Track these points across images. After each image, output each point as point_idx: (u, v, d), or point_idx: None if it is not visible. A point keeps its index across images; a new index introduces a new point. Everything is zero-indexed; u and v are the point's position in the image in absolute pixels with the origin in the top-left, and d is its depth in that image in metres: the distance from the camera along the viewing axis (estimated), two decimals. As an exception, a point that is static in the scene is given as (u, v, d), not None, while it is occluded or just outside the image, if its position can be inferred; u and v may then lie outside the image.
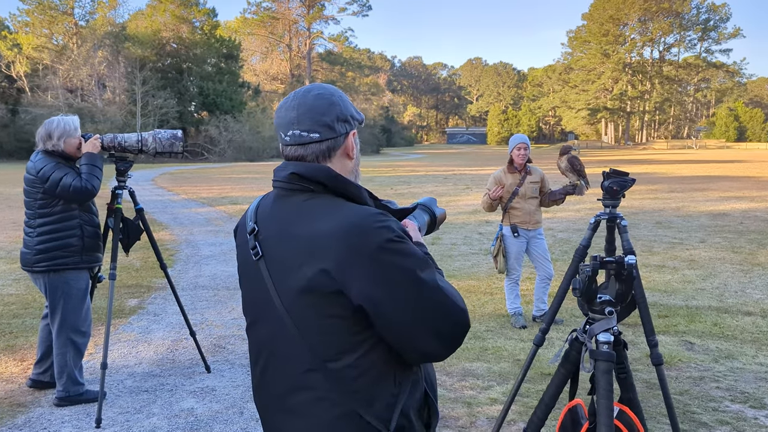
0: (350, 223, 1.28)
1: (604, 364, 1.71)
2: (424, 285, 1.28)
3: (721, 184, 21.26)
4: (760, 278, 7.41)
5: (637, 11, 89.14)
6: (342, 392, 1.30)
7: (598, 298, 1.79)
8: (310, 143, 1.39)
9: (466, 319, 1.33)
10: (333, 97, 1.42)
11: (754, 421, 3.64)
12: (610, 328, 1.77)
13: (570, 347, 1.87)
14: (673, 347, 4.97)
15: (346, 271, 1.25)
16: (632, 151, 68.37)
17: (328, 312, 1.28)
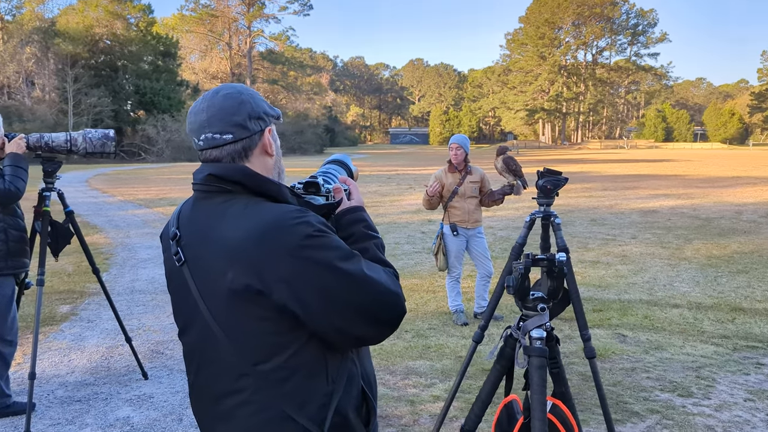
0: (267, 223, 1.26)
1: (537, 360, 1.76)
2: (351, 276, 1.26)
3: (651, 183, 22.20)
4: (687, 272, 7.77)
5: (571, 15, 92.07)
6: (272, 395, 1.29)
7: (531, 295, 1.84)
8: (224, 145, 1.36)
9: (398, 301, 1.32)
10: (242, 95, 1.39)
11: (682, 409, 3.82)
12: (542, 324, 1.82)
13: (505, 344, 1.92)
14: (607, 340, 5.15)
15: (268, 273, 1.23)
16: (568, 151, 70.53)
17: (254, 315, 1.26)
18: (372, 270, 1.31)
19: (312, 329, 1.28)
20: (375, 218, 12.97)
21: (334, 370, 1.33)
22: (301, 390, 1.30)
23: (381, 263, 1.41)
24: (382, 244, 1.48)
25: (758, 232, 10.87)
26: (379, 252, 1.45)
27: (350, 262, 1.28)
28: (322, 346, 1.31)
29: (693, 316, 5.84)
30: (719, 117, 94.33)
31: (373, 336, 1.33)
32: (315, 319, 1.26)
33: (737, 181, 22.47)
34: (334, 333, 1.28)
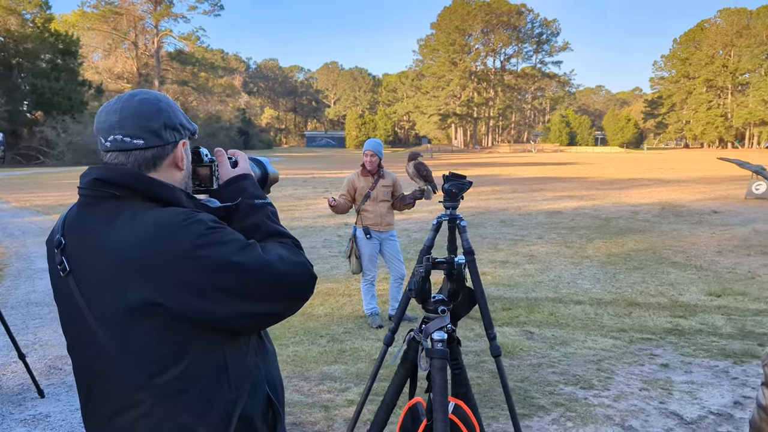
0: (158, 227, 1.22)
1: (438, 362, 1.80)
2: (250, 268, 1.24)
3: (556, 185, 23.27)
4: (588, 269, 8.19)
5: (480, 23, 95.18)
6: (171, 407, 1.24)
7: (432, 298, 1.88)
8: (133, 150, 1.29)
9: (303, 272, 1.33)
10: (161, 103, 1.34)
11: (584, 401, 4.01)
12: (443, 326, 1.87)
13: (408, 347, 1.95)
14: (515, 337, 5.34)
15: (164, 279, 1.19)
16: (479, 155, 72.68)
17: (150, 326, 1.21)
18: (270, 252, 1.30)
19: (216, 325, 1.25)
20: (290, 222, 12.84)
21: (237, 377, 1.30)
22: (202, 399, 1.26)
23: (277, 236, 1.40)
24: (274, 211, 1.46)
25: (652, 230, 11.63)
26: (272, 223, 1.43)
27: (247, 253, 1.25)
28: (222, 353, 1.28)
29: (594, 312, 6.16)
30: (617, 122, 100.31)
31: (285, 311, 1.33)
32: (219, 317, 1.23)
33: (633, 183, 23.95)
34: (242, 320, 1.27)
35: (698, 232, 11.41)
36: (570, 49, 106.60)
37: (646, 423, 3.68)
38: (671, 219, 13.21)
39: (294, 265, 1.32)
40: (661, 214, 14.13)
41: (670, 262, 8.64)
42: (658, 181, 25.07)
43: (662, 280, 7.54)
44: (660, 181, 25.07)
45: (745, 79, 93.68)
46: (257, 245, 1.30)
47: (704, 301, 6.52)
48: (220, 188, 1.46)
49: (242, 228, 1.36)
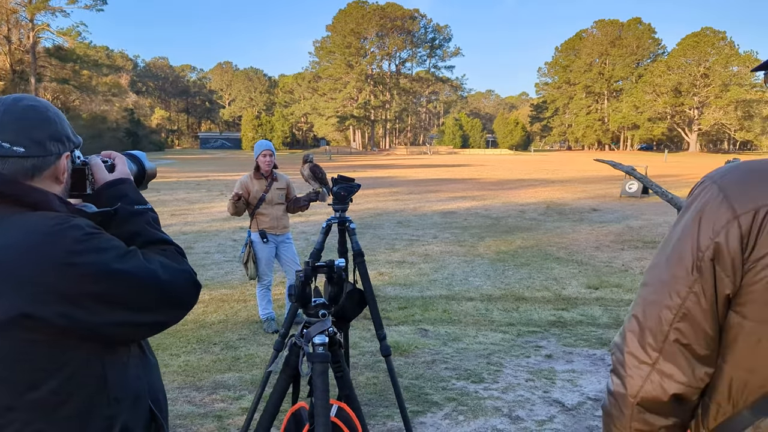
0: (28, 232, 1.14)
1: (320, 366, 1.81)
2: (130, 275, 1.20)
3: (450, 186, 24.01)
4: (480, 267, 8.52)
5: (375, 27, 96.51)
6: (46, 424, 1.17)
7: (313, 302, 1.89)
8: (11, 157, 1.20)
9: (186, 280, 1.30)
10: (48, 112, 1.26)
11: (474, 394, 4.17)
12: (325, 330, 1.88)
13: (289, 352, 1.94)
14: (410, 336, 5.46)
15: (38, 289, 1.12)
16: (377, 157, 73.57)
17: (20, 338, 1.13)
18: (152, 260, 1.26)
19: (94, 336, 1.19)
20: (183, 227, 12.38)
21: (116, 389, 1.24)
22: (80, 413, 1.19)
23: (158, 243, 1.36)
24: (155, 217, 1.41)
25: (537, 228, 12.28)
26: (153, 230, 1.38)
27: (127, 260, 1.20)
28: (101, 364, 1.22)
29: (485, 307, 6.41)
30: (506, 126, 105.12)
31: (167, 320, 1.29)
32: (97, 327, 1.17)
33: (521, 184, 25.18)
34: (122, 330, 1.22)
35: (579, 229, 12.18)
36: (461, 54, 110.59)
37: (531, 412, 3.89)
38: (555, 217, 14.02)
39: (176, 273, 1.29)
40: (546, 212, 14.96)
41: (554, 257, 9.17)
42: (543, 181, 26.52)
43: (547, 275, 7.98)
44: (545, 181, 26.54)
45: (619, 86, 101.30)
46: (138, 252, 1.25)
47: (584, 294, 6.97)
48: (96, 193, 1.38)
49: (121, 235, 1.30)
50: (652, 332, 1.00)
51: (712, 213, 0.97)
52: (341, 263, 1.91)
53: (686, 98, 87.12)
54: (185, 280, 1.30)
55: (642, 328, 1.02)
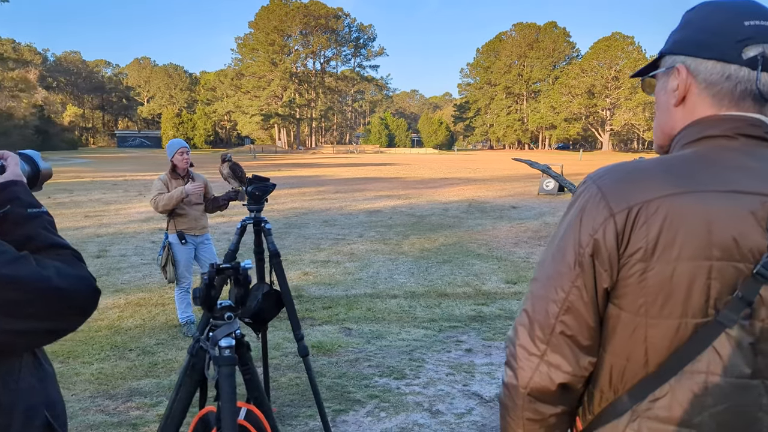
0: None
1: (226, 369, 1.78)
2: (22, 282, 1.14)
3: (376, 185, 24.15)
4: (404, 265, 8.63)
5: (299, 25, 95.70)
6: None
7: (219, 305, 1.87)
8: None
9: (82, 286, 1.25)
10: None
11: (396, 391, 4.23)
12: (231, 333, 1.86)
13: (195, 356, 1.91)
14: (334, 335, 5.46)
15: None
16: (303, 156, 73.02)
17: None
18: (46, 266, 1.20)
19: None
20: (98, 229, 11.85)
21: (8, 401, 1.19)
22: None
23: (54, 248, 1.30)
24: (50, 221, 1.35)
25: (460, 225, 12.56)
26: (47, 234, 1.32)
27: (19, 266, 1.15)
28: None
29: (408, 304, 6.50)
30: (431, 125, 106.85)
31: (64, 328, 1.23)
32: None
33: (445, 182, 25.67)
34: (13, 338, 1.15)
35: (499, 225, 12.55)
36: (386, 54, 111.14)
37: (451, 405, 3.98)
38: (477, 215, 14.38)
39: (73, 279, 1.23)
40: (468, 210, 15.32)
41: (475, 254, 9.41)
42: (466, 180, 27.13)
43: (468, 271, 8.18)
44: (468, 180, 27.16)
45: (537, 87, 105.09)
46: (31, 257, 1.19)
47: (503, 289, 7.20)
48: None
49: (13, 239, 1.24)
50: (540, 325, 1.05)
51: (592, 211, 1.02)
52: (247, 265, 1.90)
53: (599, 100, 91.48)
54: (83, 286, 1.25)
55: (531, 321, 1.07)
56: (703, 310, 0.97)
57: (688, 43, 1.08)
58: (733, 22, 1.03)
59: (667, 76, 1.12)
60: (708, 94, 1.06)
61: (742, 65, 1.02)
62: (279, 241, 10.43)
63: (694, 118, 1.08)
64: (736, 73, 1.03)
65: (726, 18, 1.04)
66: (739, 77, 1.03)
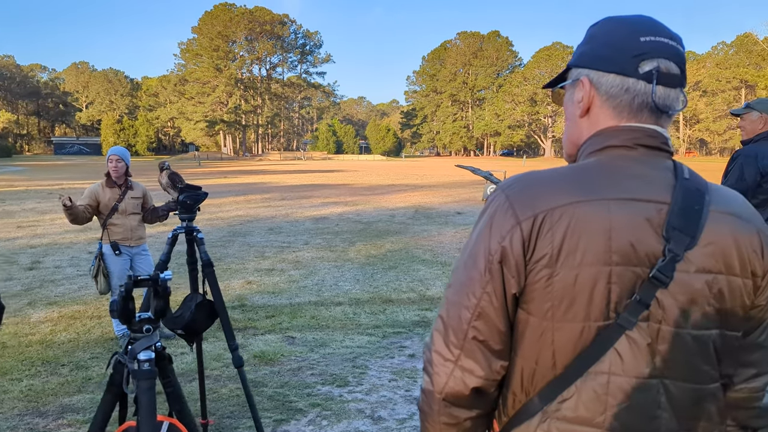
0: None
1: (145, 383, 1.75)
2: None
3: (323, 192, 24.07)
4: (350, 272, 8.62)
5: (244, 30, 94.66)
6: None
7: (137, 317, 1.83)
8: None
9: None
10: None
11: (339, 399, 4.22)
12: (151, 346, 1.82)
13: (114, 371, 1.87)
14: (277, 344, 5.40)
15: None
16: (250, 163, 72.05)
17: None
18: None
19: None
20: (31, 240, 11.39)
21: None
22: None
23: None
24: None
25: (406, 232, 12.65)
26: None
27: None
28: None
29: (353, 311, 6.50)
30: (378, 132, 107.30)
31: None
32: None
33: (392, 189, 25.81)
34: None
35: (444, 231, 12.71)
36: (333, 61, 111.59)
37: (393, 411, 4.00)
38: (423, 221, 14.52)
39: None
40: (415, 216, 15.45)
41: (420, 260, 9.49)
42: (413, 186, 27.36)
43: (413, 276, 8.25)
44: (415, 186, 27.39)
45: (482, 95, 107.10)
46: None
47: (447, 294, 7.28)
48: None
49: None
50: (454, 331, 1.07)
51: (500, 219, 1.06)
52: (167, 276, 1.86)
53: (541, 107, 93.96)
54: None
55: (446, 327, 1.09)
56: (605, 313, 1.01)
57: (591, 56, 1.13)
58: (630, 37, 1.08)
59: (574, 88, 1.17)
60: (609, 106, 1.11)
61: (639, 79, 1.07)
62: (222, 249, 10.26)
63: (597, 129, 1.12)
64: (633, 86, 1.08)
65: (624, 34, 1.09)
66: (636, 90, 1.08)
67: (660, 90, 1.07)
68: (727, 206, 1.07)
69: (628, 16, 1.13)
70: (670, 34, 1.10)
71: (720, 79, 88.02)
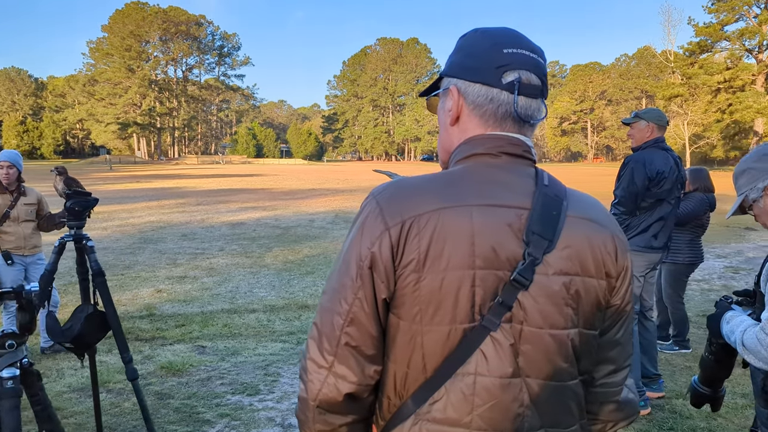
0: None
1: (8, 402, 1.65)
2: None
3: (241, 196, 23.59)
4: (266, 278, 8.49)
5: (157, 30, 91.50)
6: None
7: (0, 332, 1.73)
8: None
9: None
10: None
11: (249, 408, 4.13)
12: (15, 362, 1.72)
13: None
14: (186, 354, 5.24)
15: None
16: (166, 166, 69.63)
17: None
18: None
19: None
20: None
21: None
22: None
23: None
24: None
25: (325, 236, 12.61)
26: None
27: None
28: None
29: (267, 318, 6.40)
30: (300, 136, 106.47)
31: None
32: None
33: (312, 193, 25.65)
34: None
35: (363, 235, 12.74)
36: (252, 63, 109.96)
37: (304, 417, 3.96)
38: (342, 225, 14.51)
39: None
40: (334, 221, 15.42)
41: (337, 264, 9.47)
42: (334, 190, 27.29)
43: (330, 282, 8.21)
44: (336, 190, 27.33)
45: (402, 101, 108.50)
46: None
47: (363, 298, 7.30)
48: None
49: None
50: (327, 338, 1.07)
51: (371, 225, 1.07)
52: (33, 288, 1.76)
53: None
54: None
55: (320, 334, 1.08)
56: (470, 315, 1.04)
57: (459, 67, 1.17)
58: (494, 49, 1.12)
59: (445, 97, 1.20)
60: (476, 115, 1.14)
61: (503, 89, 1.11)
62: (132, 257, 9.85)
63: (466, 137, 1.16)
64: (497, 96, 1.12)
65: (488, 45, 1.13)
66: (500, 100, 1.12)
67: (522, 100, 1.12)
68: (584, 212, 1.13)
69: (493, 29, 1.17)
70: (532, 46, 1.15)
71: (623, 89, 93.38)
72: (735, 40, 64.97)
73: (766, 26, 62.74)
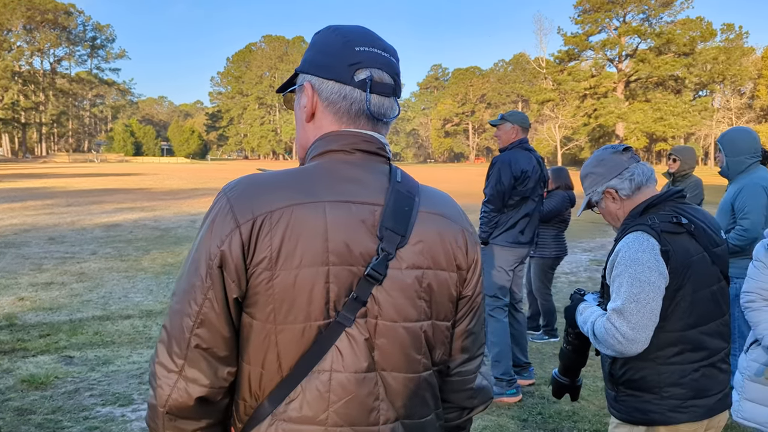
0: None
1: None
2: None
3: (117, 197, 22.29)
4: (143, 282, 8.09)
5: (21, 18, 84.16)
6: None
7: None
8: None
9: None
10: None
11: (121, 419, 3.93)
12: None
13: None
14: (51, 365, 4.88)
15: None
16: (31, 165, 64.15)
17: None
18: None
19: None
20: None
21: None
22: None
23: None
24: None
25: (208, 237, 12.20)
26: None
27: None
28: None
29: (143, 324, 6.10)
30: (182, 134, 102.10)
31: None
32: None
33: (195, 193, 24.75)
34: None
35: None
36: (128, 57, 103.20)
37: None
38: (226, 226, 14.11)
39: None
40: (218, 221, 14.95)
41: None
42: (217, 190, 26.32)
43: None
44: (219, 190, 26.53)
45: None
46: None
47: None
48: None
49: None
50: (177, 341, 1.04)
51: (220, 223, 1.05)
52: None
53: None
54: None
55: (169, 337, 1.05)
56: (325, 312, 1.04)
57: (313, 63, 1.18)
58: (346, 47, 1.14)
59: (300, 93, 1.21)
60: (330, 112, 1.15)
61: (355, 87, 1.13)
62: (-10, 263, 9.02)
63: (321, 133, 1.16)
64: (350, 94, 1.13)
65: (341, 43, 1.14)
66: (353, 98, 1.13)
67: (374, 98, 1.14)
68: (434, 207, 1.16)
69: (346, 26, 1.18)
70: (384, 45, 1.17)
71: (501, 93, 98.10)
72: (598, 49, 70.46)
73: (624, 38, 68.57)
